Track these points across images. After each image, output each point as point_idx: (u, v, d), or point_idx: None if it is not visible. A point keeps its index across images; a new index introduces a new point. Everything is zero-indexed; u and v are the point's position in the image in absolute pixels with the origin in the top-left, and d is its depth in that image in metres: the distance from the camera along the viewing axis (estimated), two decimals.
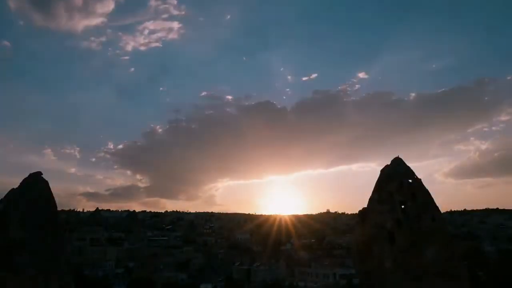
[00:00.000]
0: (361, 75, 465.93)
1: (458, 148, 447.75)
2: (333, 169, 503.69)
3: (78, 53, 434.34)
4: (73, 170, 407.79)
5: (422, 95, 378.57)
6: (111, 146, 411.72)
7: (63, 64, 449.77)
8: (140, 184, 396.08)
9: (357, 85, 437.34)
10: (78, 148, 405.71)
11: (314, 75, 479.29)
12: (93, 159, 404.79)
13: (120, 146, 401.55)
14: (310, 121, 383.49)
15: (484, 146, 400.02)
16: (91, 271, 77.58)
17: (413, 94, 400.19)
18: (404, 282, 17.43)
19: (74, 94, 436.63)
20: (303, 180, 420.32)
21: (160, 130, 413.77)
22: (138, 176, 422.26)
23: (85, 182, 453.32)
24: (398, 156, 20.66)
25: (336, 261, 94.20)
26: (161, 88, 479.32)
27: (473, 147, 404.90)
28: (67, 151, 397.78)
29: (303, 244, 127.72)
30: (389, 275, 17.86)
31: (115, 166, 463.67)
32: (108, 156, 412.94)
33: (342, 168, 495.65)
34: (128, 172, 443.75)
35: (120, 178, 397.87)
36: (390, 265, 18.01)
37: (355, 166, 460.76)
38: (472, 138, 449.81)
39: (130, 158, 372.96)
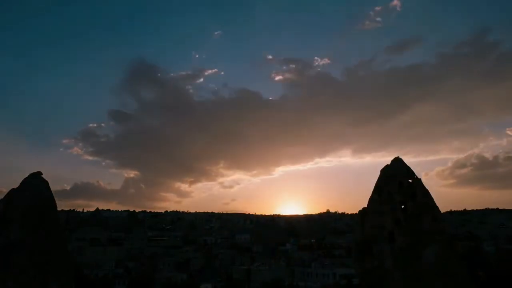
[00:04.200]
0: None
1: None
2: None
3: None
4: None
5: None
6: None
7: None
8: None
9: None
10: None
11: None
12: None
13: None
14: None
15: None
16: (91, 271, 77.50)
17: None
18: (404, 282, 17.42)
19: None
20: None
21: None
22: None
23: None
24: (398, 157, 20.66)
25: (336, 261, 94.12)
26: None
27: None
28: None
29: (303, 244, 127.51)
30: (389, 275, 17.86)
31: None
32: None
33: None
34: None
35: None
36: (390, 265, 18.00)
37: None
38: None
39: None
